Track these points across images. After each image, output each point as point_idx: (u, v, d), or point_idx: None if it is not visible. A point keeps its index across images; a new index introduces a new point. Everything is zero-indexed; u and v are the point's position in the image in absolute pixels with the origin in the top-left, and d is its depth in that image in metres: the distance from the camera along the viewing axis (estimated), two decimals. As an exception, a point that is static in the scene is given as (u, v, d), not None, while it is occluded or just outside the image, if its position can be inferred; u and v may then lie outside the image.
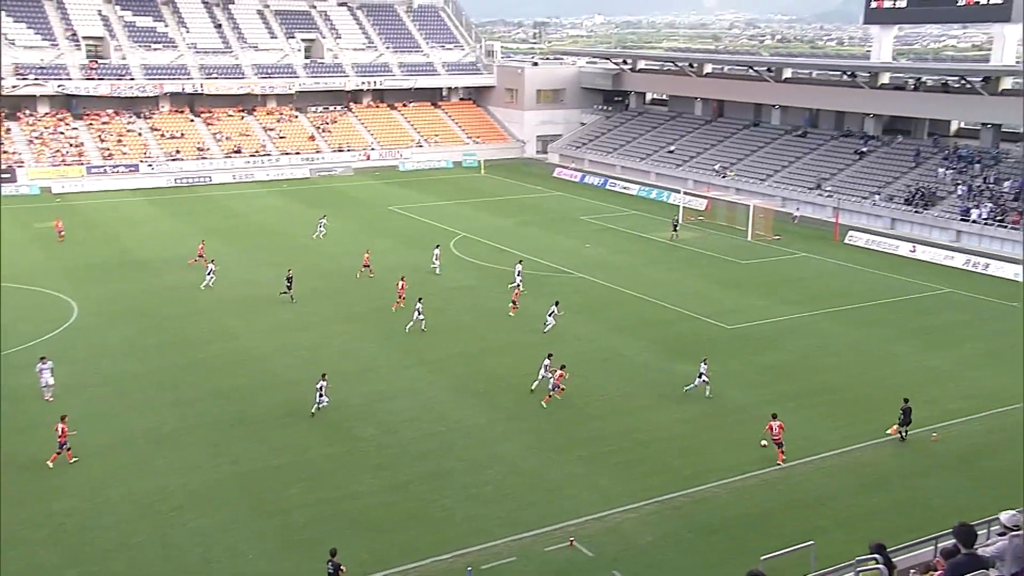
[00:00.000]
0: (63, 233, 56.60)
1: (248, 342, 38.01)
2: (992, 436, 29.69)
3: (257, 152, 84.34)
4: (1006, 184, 59.78)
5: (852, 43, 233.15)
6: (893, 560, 12.80)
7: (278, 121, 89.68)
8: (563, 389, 31.87)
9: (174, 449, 27.99)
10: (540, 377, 32.67)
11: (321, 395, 30.53)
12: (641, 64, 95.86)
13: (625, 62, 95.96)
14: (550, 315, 39.17)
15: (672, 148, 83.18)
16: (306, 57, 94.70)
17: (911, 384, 34.10)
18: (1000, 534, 11.19)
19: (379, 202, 70.84)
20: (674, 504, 25.09)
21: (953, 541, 10.86)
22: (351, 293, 45.38)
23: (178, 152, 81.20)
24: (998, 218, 56.90)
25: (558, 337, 38.94)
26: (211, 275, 46.22)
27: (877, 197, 64.10)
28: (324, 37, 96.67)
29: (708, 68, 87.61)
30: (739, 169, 75.28)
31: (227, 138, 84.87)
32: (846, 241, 58.86)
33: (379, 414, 30.84)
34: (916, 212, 61.10)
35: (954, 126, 71.70)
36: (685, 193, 70.01)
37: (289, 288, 43.79)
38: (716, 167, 76.43)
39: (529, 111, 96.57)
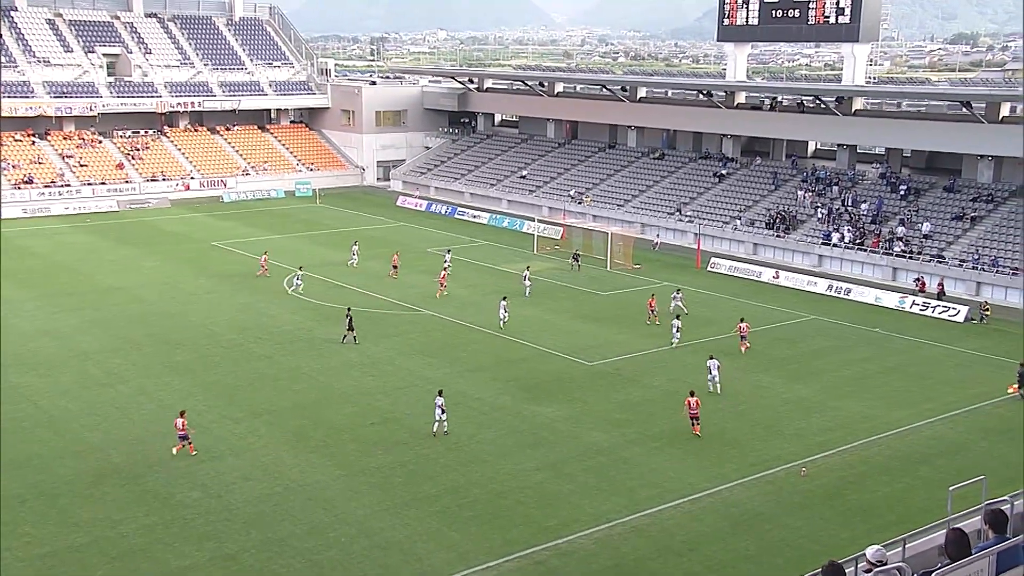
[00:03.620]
0: None
1: (46, 403, 36.05)
2: (859, 468, 31.41)
3: (53, 182, 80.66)
4: (863, 206, 63.90)
5: (707, 61, 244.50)
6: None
7: (78, 147, 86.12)
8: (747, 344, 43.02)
9: (-44, 531, 26.13)
10: (674, 339, 43.74)
11: (443, 413, 32.73)
12: (488, 83, 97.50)
13: (471, 81, 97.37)
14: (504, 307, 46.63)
15: (524, 173, 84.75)
16: (110, 75, 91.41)
17: (778, 417, 35.78)
18: (867, 571, 11.84)
19: (200, 237, 68.99)
20: (537, 559, 25.28)
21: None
22: (171, 340, 43.86)
23: (-43, 183, 76.79)
24: (857, 242, 60.68)
25: (403, 381, 38.86)
26: (299, 281, 52.47)
27: (738, 222, 67.23)
28: (131, 52, 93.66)
29: (560, 87, 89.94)
30: (595, 194, 77.42)
31: (14, 166, 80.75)
32: (709, 268, 61.33)
33: (205, 476, 29.81)
34: (778, 236, 64.42)
35: (811, 147, 76.27)
36: (539, 221, 71.43)
37: (351, 329, 43.23)
38: (571, 192, 78.34)
39: (368, 135, 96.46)
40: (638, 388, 38.81)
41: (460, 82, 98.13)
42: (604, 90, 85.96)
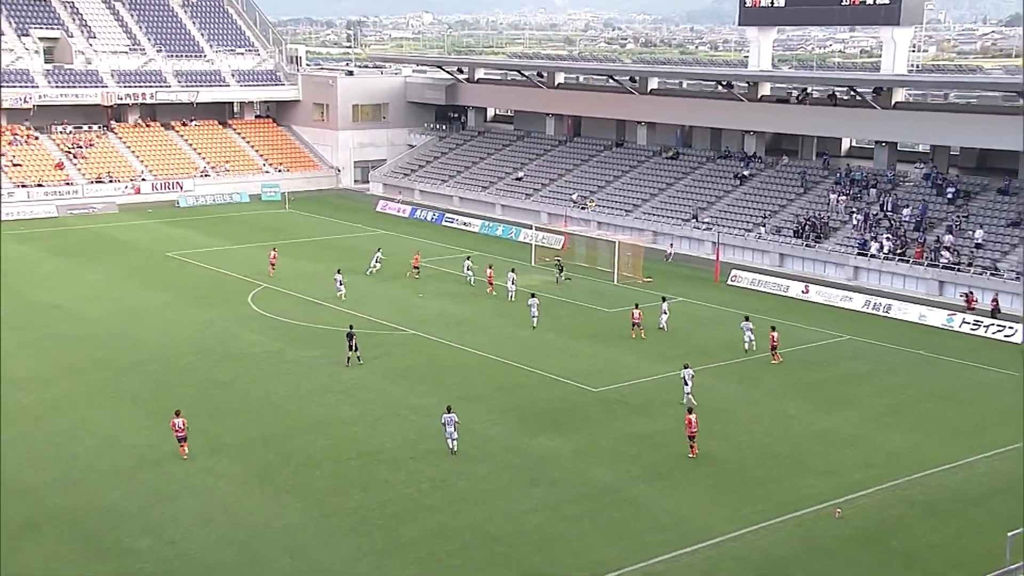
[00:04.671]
0: None
1: (-27, 435, 35.96)
2: (901, 509, 31.35)
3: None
4: (905, 211, 64.06)
5: (727, 48, 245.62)
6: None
7: (10, 144, 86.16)
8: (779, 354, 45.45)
9: None
10: (746, 343, 46.55)
11: (452, 430, 34.23)
12: (480, 73, 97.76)
13: (461, 71, 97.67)
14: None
15: (520, 175, 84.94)
16: (47, 61, 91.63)
17: (807, 451, 35.77)
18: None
19: (153, 247, 68.98)
20: (535, 613, 25.25)
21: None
22: (118, 365, 43.77)
23: None
24: (898, 251, 60.80)
25: (384, 409, 38.81)
26: (341, 286, 54.96)
27: (763, 229, 67.38)
28: (72, 36, 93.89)
29: (561, 78, 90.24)
30: (601, 198, 77.57)
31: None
32: (728, 282, 61.42)
33: (158, 520, 29.71)
34: (807, 246, 64.55)
35: (845, 144, 76.46)
36: (538, 229, 71.50)
37: (353, 349, 43.59)
38: (574, 197, 78.50)
39: (344, 131, 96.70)
40: (648, 418, 38.77)
41: (448, 72, 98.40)
42: (611, 81, 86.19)
